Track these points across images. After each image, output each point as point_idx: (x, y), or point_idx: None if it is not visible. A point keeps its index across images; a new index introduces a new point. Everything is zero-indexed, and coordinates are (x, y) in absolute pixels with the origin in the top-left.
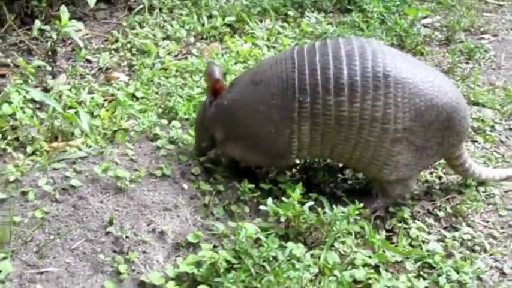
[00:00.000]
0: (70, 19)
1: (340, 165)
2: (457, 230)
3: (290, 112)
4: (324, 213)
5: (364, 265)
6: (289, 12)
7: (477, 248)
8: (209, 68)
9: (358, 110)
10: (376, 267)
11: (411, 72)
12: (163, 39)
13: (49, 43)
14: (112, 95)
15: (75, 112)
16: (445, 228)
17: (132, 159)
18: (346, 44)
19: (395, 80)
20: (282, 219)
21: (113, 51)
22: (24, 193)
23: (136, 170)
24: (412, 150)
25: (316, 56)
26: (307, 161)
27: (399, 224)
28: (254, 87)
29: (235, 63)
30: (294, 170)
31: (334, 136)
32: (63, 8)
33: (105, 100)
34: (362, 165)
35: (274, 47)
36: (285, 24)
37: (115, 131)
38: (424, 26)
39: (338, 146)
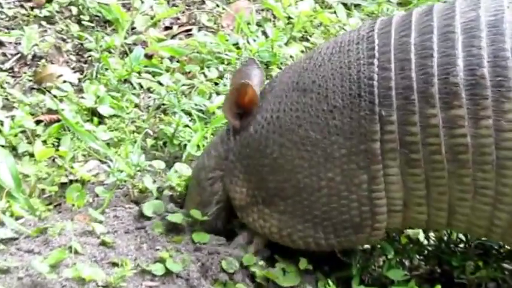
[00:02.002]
0: None
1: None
2: None
3: (366, 141)
4: None
5: None
6: None
7: None
8: (242, 69)
9: (492, 132)
10: None
11: None
12: None
13: None
14: (51, 111)
15: None
16: None
17: (104, 243)
18: (468, 8)
19: None
20: None
21: (44, 23)
22: None
23: (114, 264)
24: None
25: (411, 34)
26: (445, 235)
27: None
28: (300, 98)
29: (287, 43)
30: (417, 256)
31: (451, 185)
32: None
33: (39, 123)
34: None
35: (359, 7)
36: None
37: (63, 185)
38: None
39: (461, 205)
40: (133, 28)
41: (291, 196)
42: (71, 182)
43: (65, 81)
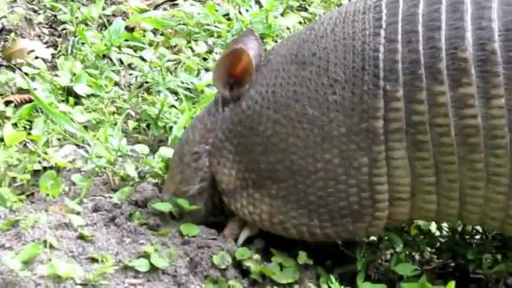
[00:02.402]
0: None
1: None
2: None
3: (368, 118)
4: None
5: None
6: None
7: None
8: (238, 40)
9: (504, 113)
10: None
11: None
12: None
13: None
14: (21, 90)
15: None
16: None
17: (82, 236)
18: None
19: None
20: None
21: None
22: None
23: (94, 259)
24: None
25: (419, 4)
26: (459, 225)
27: None
28: (298, 71)
29: (283, 13)
30: (429, 249)
31: (462, 172)
32: None
33: (8, 104)
34: None
35: None
36: None
37: (36, 173)
38: None
39: (474, 194)
40: None
41: (284, 179)
42: (45, 169)
43: (37, 57)
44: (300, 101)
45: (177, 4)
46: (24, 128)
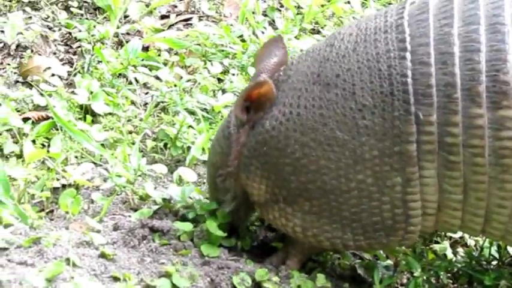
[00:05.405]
0: None
1: None
2: None
3: (400, 142)
4: None
5: None
6: None
7: None
8: (266, 46)
9: None
10: None
11: None
12: None
13: None
14: (38, 107)
15: None
16: None
17: (103, 255)
18: None
19: None
20: None
21: (28, 9)
22: None
23: (116, 278)
24: None
25: (453, 21)
26: (475, 250)
27: None
28: (323, 93)
29: (298, 36)
30: (445, 274)
31: (491, 191)
32: None
33: (26, 120)
34: None
35: None
36: None
37: (55, 190)
38: None
39: (500, 213)
40: (126, 16)
41: (316, 197)
42: (64, 186)
43: (53, 75)
44: (328, 125)
45: (191, 24)
46: (43, 145)
